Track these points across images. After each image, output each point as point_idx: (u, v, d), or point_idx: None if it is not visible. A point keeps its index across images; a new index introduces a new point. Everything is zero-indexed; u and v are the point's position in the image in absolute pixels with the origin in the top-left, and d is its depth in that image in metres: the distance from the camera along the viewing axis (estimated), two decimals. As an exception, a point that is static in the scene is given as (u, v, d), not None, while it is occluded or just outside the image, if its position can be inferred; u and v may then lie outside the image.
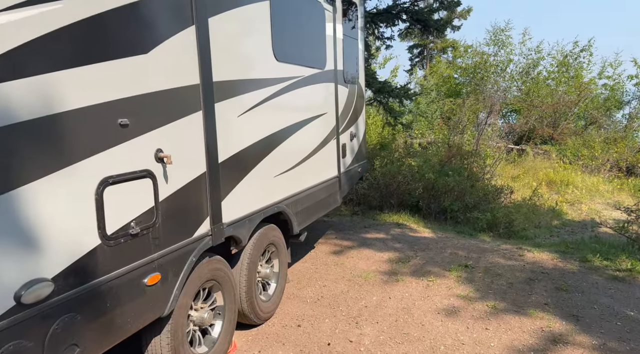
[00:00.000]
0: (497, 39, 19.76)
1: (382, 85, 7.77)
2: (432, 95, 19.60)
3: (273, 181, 3.71)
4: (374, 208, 8.04)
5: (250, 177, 3.33)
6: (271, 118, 3.66)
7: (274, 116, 3.70)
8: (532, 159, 14.25)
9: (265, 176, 3.58)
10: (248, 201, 3.33)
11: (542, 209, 9.08)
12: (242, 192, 3.21)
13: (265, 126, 3.57)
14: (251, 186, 3.34)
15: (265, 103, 3.54)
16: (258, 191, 3.47)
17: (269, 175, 3.65)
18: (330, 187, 4.99)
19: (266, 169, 3.58)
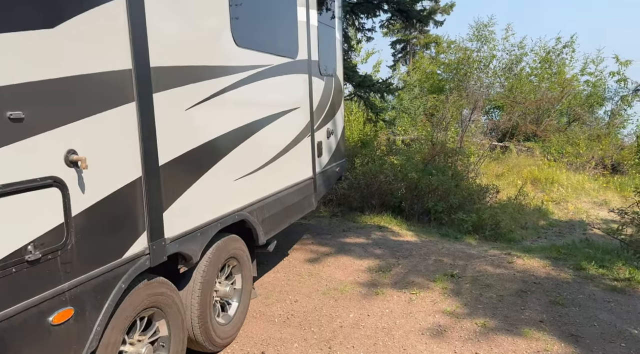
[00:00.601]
0: (480, 35, 19.55)
1: (363, 79, 7.32)
2: (415, 91, 19.30)
3: (233, 185, 3.21)
4: (354, 209, 7.60)
5: (204, 181, 2.83)
6: (230, 112, 3.16)
7: (234, 110, 3.20)
8: (516, 156, 14.04)
9: (223, 180, 3.08)
10: (200, 210, 2.83)
11: (528, 208, 8.78)
12: (192, 200, 2.71)
13: (223, 121, 3.06)
14: (204, 192, 2.84)
15: (223, 95, 3.04)
16: (214, 197, 2.97)
17: (229, 178, 3.16)
18: (304, 189, 4.51)
19: (224, 172, 3.08)
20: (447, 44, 21.15)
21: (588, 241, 5.65)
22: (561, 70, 18.02)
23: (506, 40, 18.85)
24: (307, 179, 4.63)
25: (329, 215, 7.49)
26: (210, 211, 2.93)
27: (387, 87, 7.37)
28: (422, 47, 24.34)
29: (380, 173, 7.28)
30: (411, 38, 24.33)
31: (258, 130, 3.52)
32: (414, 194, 7.22)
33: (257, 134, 3.50)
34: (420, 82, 20.47)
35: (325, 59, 5.19)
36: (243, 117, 3.32)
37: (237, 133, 3.22)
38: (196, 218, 2.78)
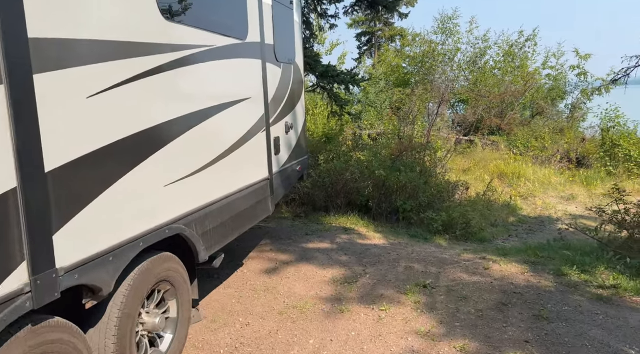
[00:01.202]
0: (444, 28, 19.42)
1: (326, 69, 6.79)
2: (381, 84, 18.99)
3: (164, 192, 2.60)
4: (319, 209, 7.07)
5: (118, 190, 2.21)
6: (156, 102, 2.54)
7: (161, 99, 2.58)
8: (481, 150, 13.96)
9: (147, 186, 2.47)
10: (113, 226, 2.21)
11: (497, 204, 8.55)
12: (99, 214, 2.09)
13: (145, 113, 2.44)
14: (119, 204, 2.23)
15: (145, 80, 2.42)
16: (134, 209, 2.36)
17: (156, 184, 2.54)
18: (258, 192, 3.93)
19: (149, 176, 2.47)
20: (412, 37, 20.93)
21: (563, 240, 5.37)
22: (524, 63, 18.15)
23: (470, 33, 18.79)
24: (262, 180, 4.05)
25: (291, 216, 6.94)
26: (129, 226, 2.32)
27: (352, 78, 6.87)
28: (387, 39, 24.06)
29: (346, 170, 6.79)
30: (376, 30, 23.99)
31: (196, 124, 2.91)
32: (381, 193, 6.78)
33: (195, 129, 2.89)
34: (386, 75, 20.23)
35: (281, 43, 4.60)
36: (175, 109, 2.70)
37: (166, 128, 2.61)
38: (106, 238, 2.15)
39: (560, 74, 17.50)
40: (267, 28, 4.14)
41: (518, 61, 18.11)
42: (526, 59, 18.03)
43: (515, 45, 18.24)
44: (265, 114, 4.13)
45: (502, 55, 18.34)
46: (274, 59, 4.39)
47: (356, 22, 23.60)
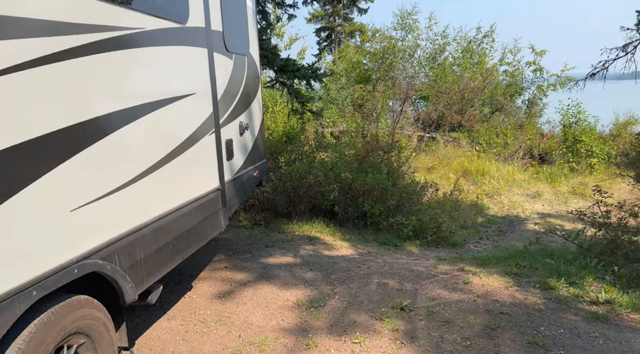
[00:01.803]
0: (404, 24, 19.28)
1: (285, 63, 6.21)
2: (342, 81, 18.61)
3: (70, 218, 1.96)
4: (280, 216, 6.50)
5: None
6: (58, 97, 1.89)
7: (67, 93, 1.93)
8: (443, 147, 13.85)
9: (44, 213, 1.82)
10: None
11: (465, 204, 8.31)
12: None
13: (41, 114, 1.79)
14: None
15: (41, 69, 1.77)
16: (20, 246, 1.71)
17: (58, 208, 1.90)
18: (206, 207, 3.32)
19: (49, 199, 1.82)
20: (372, 33, 20.70)
21: (540, 244, 5.09)
22: (482, 60, 18.30)
23: (429, 29, 18.73)
24: (212, 192, 3.43)
25: (250, 224, 6.32)
26: (13, 271, 1.67)
27: (314, 73, 6.33)
28: (347, 35, 23.70)
29: (309, 173, 6.25)
30: (336, 26, 23.58)
31: (119, 128, 2.27)
32: (347, 197, 6.29)
33: (118, 134, 2.26)
34: (347, 72, 19.92)
35: (232, 31, 3.99)
36: (87, 107, 2.06)
37: (74, 133, 1.96)
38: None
39: (517, 70, 17.75)
40: (214, 12, 3.52)
41: (476, 58, 18.25)
42: (484, 56, 18.19)
43: (474, 42, 18.36)
44: (214, 114, 3.51)
45: (460, 52, 18.42)
46: (224, 49, 3.77)
47: (315, 17, 23.10)
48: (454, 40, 18.35)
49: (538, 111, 16.51)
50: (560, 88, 16.20)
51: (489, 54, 18.16)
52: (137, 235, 2.42)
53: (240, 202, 4.31)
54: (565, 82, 16.21)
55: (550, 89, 16.51)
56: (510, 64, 17.95)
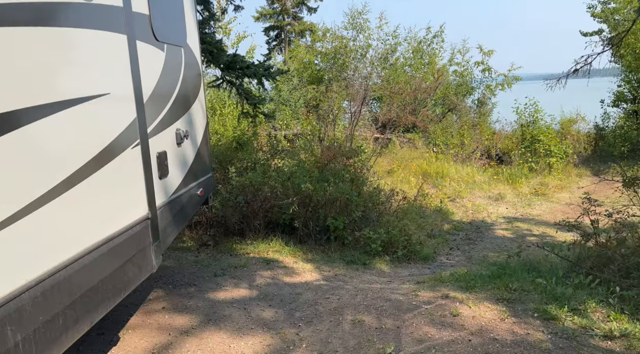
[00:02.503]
0: (355, 23, 18.91)
1: (233, 59, 5.42)
2: (294, 81, 17.96)
3: None
4: (232, 233, 5.70)
5: None
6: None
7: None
8: (399, 148, 13.55)
9: None
10: None
11: (429, 210, 7.88)
12: None
13: None
14: None
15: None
16: None
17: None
18: (128, 245, 2.49)
19: None
20: (323, 32, 20.20)
21: (521, 258, 4.65)
22: (433, 60, 18.31)
23: (380, 29, 18.49)
24: (137, 223, 2.61)
25: (196, 246, 5.47)
26: None
27: (266, 71, 5.59)
28: (297, 34, 23.05)
29: (264, 185, 5.49)
30: (285, 24, 22.86)
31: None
32: (308, 209, 5.59)
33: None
34: (299, 72, 19.31)
35: (164, 16, 3.18)
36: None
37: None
38: None
39: (466, 70, 17.90)
40: (136, -13, 2.70)
41: (427, 58, 18.25)
42: (435, 56, 18.21)
43: (424, 42, 18.34)
44: (139, 120, 2.70)
45: (411, 52, 18.36)
46: (152, 38, 2.96)
47: (263, 15, 22.25)
48: (404, 40, 18.25)
49: (488, 111, 16.72)
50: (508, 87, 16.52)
51: (439, 55, 18.21)
52: (12, 305, 1.59)
53: (180, 230, 3.49)
54: (513, 81, 16.56)
55: (499, 88, 16.77)
56: (460, 64, 18.07)
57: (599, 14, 14.32)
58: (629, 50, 9.37)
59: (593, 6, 14.60)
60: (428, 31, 18.09)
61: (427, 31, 18.11)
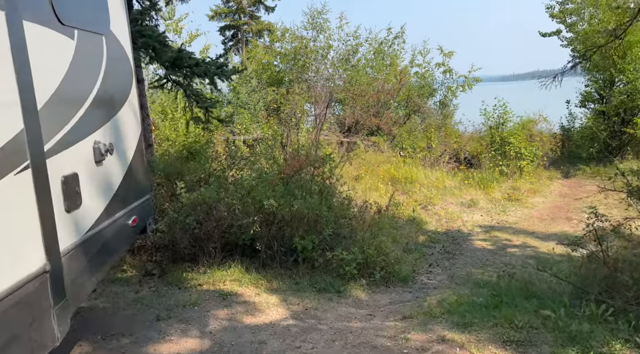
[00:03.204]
0: (315, 23, 18.34)
1: (179, 55, 4.60)
2: (253, 83, 17.13)
3: None
4: (182, 259, 4.87)
5: None
6: None
7: None
8: (365, 152, 13.06)
9: None
10: None
11: (402, 220, 7.33)
12: None
13: None
14: None
15: None
16: None
17: None
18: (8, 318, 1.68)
19: None
20: (282, 32, 19.47)
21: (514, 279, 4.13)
22: (394, 61, 18.01)
23: (341, 30, 17.99)
24: (26, 282, 1.80)
25: (138, 276, 4.61)
26: None
27: (220, 69, 4.80)
28: (255, 34, 22.15)
29: (221, 201, 4.70)
30: (241, 24, 21.89)
31: None
32: (272, 228, 4.85)
33: None
34: (257, 74, 18.50)
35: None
36: None
37: None
38: None
39: (427, 71, 17.71)
40: (18, -56, 1.89)
41: (389, 59, 17.96)
42: (396, 57, 17.94)
43: (385, 43, 18.03)
44: (29, 132, 1.89)
45: (373, 54, 18.01)
46: (53, 20, 2.16)
47: (218, 13, 21.21)
48: (366, 41, 17.86)
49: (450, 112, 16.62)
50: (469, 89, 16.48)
51: (401, 56, 17.95)
52: None
53: (103, 276, 2.68)
54: (473, 83, 16.53)
55: (459, 90, 16.70)
56: (421, 66, 17.87)
57: (557, 14, 14.44)
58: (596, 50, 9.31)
59: (551, 6, 14.74)
60: (389, 32, 17.77)
61: (387, 32, 17.79)
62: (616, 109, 9.16)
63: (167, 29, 14.61)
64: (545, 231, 6.64)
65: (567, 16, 14.39)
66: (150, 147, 5.78)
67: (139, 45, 4.50)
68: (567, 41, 14.95)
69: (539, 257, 5.55)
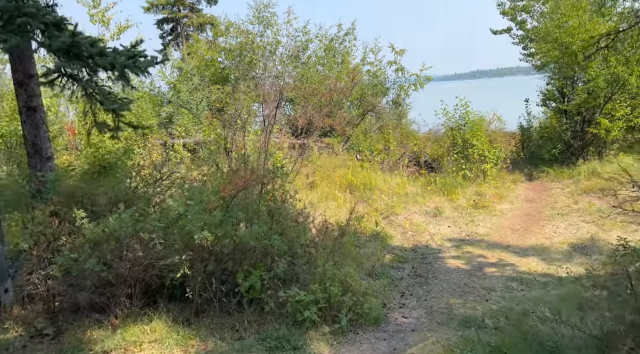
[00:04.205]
0: (261, 17, 17.19)
1: (74, 41, 3.40)
2: (195, 81, 15.78)
3: None
4: (87, 310, 3.67)
5: None
6: None
7: None
8: (318, 155, 12.16)
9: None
10: None
11: (365, 235, 6.48)
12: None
13: None
14: None
15: None
16: None
17: None
18: None
19: None
20: (226, 27, 18.18)
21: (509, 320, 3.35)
22: (346, 59, 17.28)
23: (289, 25, 17.00)
24: None
25: (23, 338, 3.38)
26: None
27: (132, 59, 3.62)
28: (196, 28, 20.60)
29: (135, 237, 3.55)
30: (181, 17, 20.25)
31: None
32: (208, 265, 3.77)
33: None
34: (200, 71, 17.11)
35: None
36: None
37: None
38: None
39: (379, 70, 17.12)
40: None
41: (340, 57, 17.22)
42: (347, 55, 17.22)
43: (336, 40, 17.25)
44: None
45: (324, 51, 17.18)
46: None
47: (155, 5, 19.45)
48: (316, 37, 17.01)
49: (404, 112, 16.14)
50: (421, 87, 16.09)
51: (352, 54, 17.25)
52: None
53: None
54: (425, 81, 16.14)
55: (412, 89, 16.28)
56: (373, 64, 17.24)
57: (508, 11, 14.24)
58: (556, 45, 8.95)
59: (502, 3, 14.56)
60: (339, 28, 16.99)
61: (338, 28, 17.00)
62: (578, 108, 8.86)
63: (92, 20, 12.92)
64: (521, 244, 6.03)
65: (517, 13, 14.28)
66: (49, 160, 4.48)
67: (14, 28, 3.26)
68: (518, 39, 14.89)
69: (521, 279, 4.88)
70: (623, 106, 8.63)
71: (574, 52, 8.50)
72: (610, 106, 8.67)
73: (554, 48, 9.05)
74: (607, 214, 6.27)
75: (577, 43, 8.41)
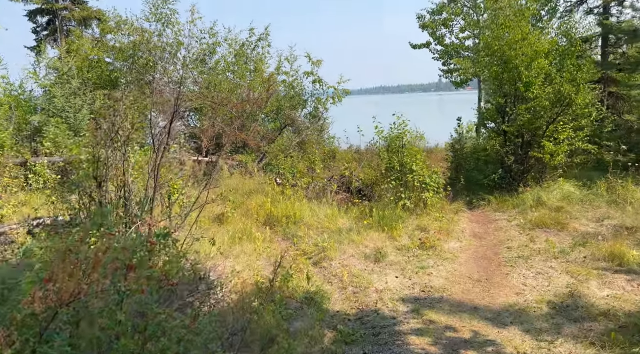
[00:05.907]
0: (159, 14, 14.83)
1: None
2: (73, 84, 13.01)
3: None
4: None
5: None
6: None
7: None
8: (229, 176, 10.26)
9: None
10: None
11: (295, 301, 4.81)
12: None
13: None
14: None
15: None
16: None
17: None
18: None
19: None
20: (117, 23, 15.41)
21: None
22: (259, 67, 15.59)
23: (193, 24, 14.82)
24: None
25: None
26: None
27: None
28: (79, 23, 17.39)
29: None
30: (60, 9, 16.94)
31: None
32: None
33: None
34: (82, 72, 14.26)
35: None
36: None
37: None
38: None
39: (295, 80, 15.71)
40: None
41: (252, 64, 15.49)
42: (261, 63, 15.56)
43: (247, 46, 15.49)
44: None
45: (234, 56, 15.32)
46: None
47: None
48: (225, 40, 15.11)
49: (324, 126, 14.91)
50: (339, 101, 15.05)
51: (266, 61, 15.62)
52: None
53: None
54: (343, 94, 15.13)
55: (330, 102, 15.14)
56: (288, 74, 15.76)
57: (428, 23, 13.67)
58: (496, 59, 8.23)
59: (422, 16, 14.01)
60: (251, 33, 15.27)
61: (250, 33, 15.26)
62: (519, 129, 8.16)
63: None
64: (490, 303, 4.81)
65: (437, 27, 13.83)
66: None
67: None
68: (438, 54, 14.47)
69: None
70: (566, 128, 8.14)
71: (516, 66, 7.83)
72: (552, 128, 8.12)
73: (492, 63, 8.32)
74: (574, 258, 5.41)
75: (520, 57, 7.75)
